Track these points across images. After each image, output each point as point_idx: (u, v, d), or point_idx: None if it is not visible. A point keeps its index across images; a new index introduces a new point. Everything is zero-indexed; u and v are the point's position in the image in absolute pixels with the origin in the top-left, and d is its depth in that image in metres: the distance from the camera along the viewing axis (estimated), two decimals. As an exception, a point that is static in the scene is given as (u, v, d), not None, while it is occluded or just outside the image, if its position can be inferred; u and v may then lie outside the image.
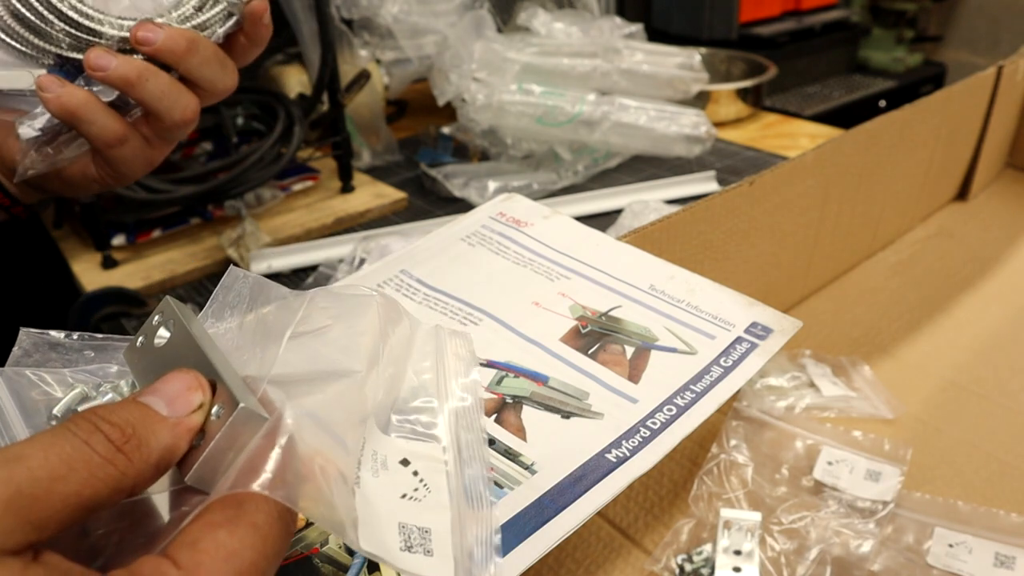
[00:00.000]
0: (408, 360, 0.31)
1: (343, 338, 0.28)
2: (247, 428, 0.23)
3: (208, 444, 0.23)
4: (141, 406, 0.23)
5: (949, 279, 0.75)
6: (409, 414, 0.30)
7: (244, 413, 0.23)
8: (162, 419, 0.23)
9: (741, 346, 0.42)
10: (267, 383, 0.25)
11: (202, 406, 0.23)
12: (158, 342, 0.26)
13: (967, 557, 0.45)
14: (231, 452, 0.23)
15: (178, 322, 0.26)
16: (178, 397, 0.23)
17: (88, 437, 0.21)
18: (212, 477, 0.23)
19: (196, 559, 0.21)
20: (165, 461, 0.22)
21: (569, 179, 0.98)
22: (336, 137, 0.94)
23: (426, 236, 0.51)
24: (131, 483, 0.21)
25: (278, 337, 0.26)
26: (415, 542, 0.27)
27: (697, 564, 0.45)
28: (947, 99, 0.76)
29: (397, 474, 0.29)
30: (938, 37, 2.28)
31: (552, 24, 0.98)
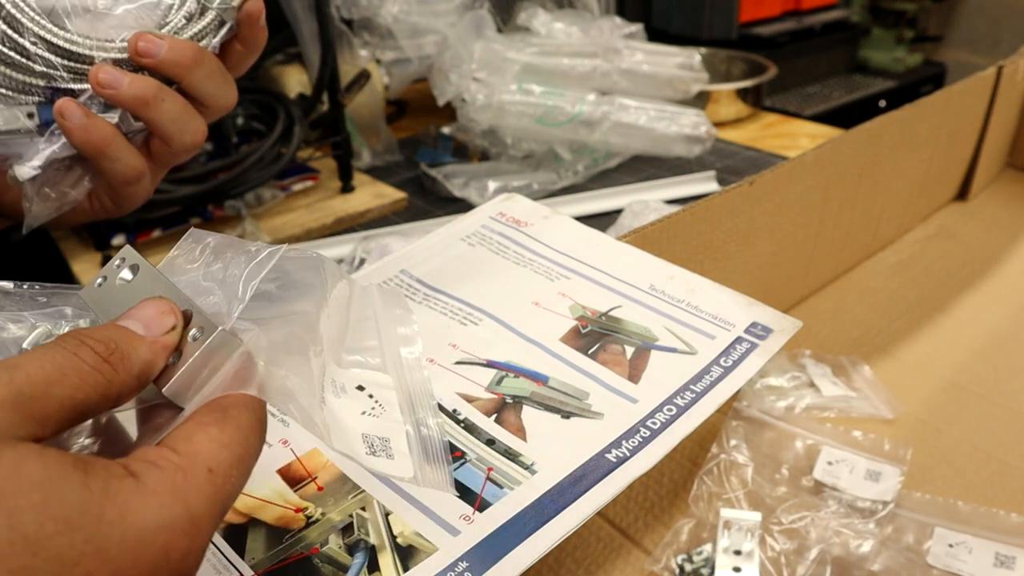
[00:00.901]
0: (349, 310, 0.35)
1: (295, 287, 0.31)
2: (223, 349, 0.26)
3: (186, 361, 0.25)
4: (120, 327, 0.25)
5: (949, 279, 0.75)
6: (357, 353, 0.34)
7: (222, 335, 0.26)
8: (140, 337, 0.25)
9: (741, 346, 0.42)
10: (234, 317, 0.27)
11: (174, 327, 0.26)
12: (120, 283, 0.28)
13: (967, 557, 0.45)
14: (206, 370, 0.26)
15: (143, 265, 0.28)
16: (153, 320, 0.26)
17: (76, 349, 0.23)
18: (186, 392, 0.26)
19: (192, 448, 0.23)
20: (145, 374, 0.25)
21: (569, 179, 0.98)
22: (336, 137, 0.94)
23: (426, 236, 0.51)
24: (116, 391, 0.24)
25: (237, 280, 0.28)
26: (378, 448, 0.30)
27: (697, 564, 0.45)
28: (947, 99, 0.76)
29: (354, 397, 0.32)
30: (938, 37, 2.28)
31: (552, 24, 0.98)
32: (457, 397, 0.38)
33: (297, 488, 0.35)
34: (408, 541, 0.32)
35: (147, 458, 0.23)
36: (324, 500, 0.34)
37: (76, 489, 0.21)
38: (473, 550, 0.31)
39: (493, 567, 0.30)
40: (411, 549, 0.32)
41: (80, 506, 0.20)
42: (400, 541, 0.32)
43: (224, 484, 0.24)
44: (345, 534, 0.33)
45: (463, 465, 0.35)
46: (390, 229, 0.87)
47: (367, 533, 0.32)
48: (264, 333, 0.27)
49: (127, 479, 0.22)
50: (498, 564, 0.30)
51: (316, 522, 0.33)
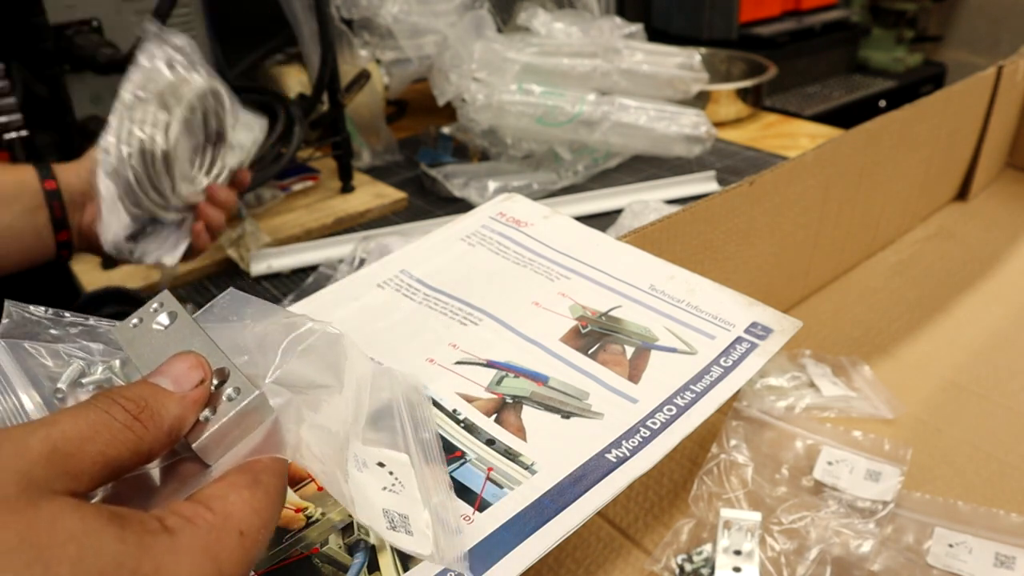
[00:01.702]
0: (368, 389, 0.35)
1: (321, 361, 0.32)
2: (257, 413, 0.26)
3: (220, 419, 0.26)
4: (150, 384, 0.26)
5: (949, 279, 0.75)
6: (377, 431, 0.34)
7: (259, 399, 0.26)
8: (170, 394, 0.26)
9: (741, 346, 0.42)
10: (267, 382, 0.28)
11: (203, 382, 0.26)
12: (156, 327, 0.29)
13: (967, 557, 0.45)
14: (237, 431, 0.26)
15: (180, 313, 0.29)
16: (183, 375, 0.26)
17: (108, 408, 0.24)
18: (216, 449, 0.26)
19: (227, 509, 0.24)
20: (176, 430, 0.25)
21: (569, 179, 0.98)
22: (336, 137, 0.94)
23: (426, 236, 0.51)
24: (148, 448, 0.24)
25: (273, 347, 0.29)
26: (398, 524, 0.30)
27: (697, 564, 0.45)
28: (947, 99, 0.76)
29: (375, 473, 0.32)
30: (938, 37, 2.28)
31: (552, 24, 0.98)
32: (457, 397, 0.38)
33: (297, 488, 0.34)
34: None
35: (182, 513, 0.23)
36: (324, 500, 0.34)
37: (112, 543, 0.21)
38: (473, 550, 0.31)
39: (493, 567, 0.30)
40: (411, 549, 0.32)
41: (115, 559, 0.21)
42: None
43: (252, 547, 0.24)
44: (345, 534, 0.33)
45: (463, 465, 0.35)
46: (390, 229, 0.87)
47: (367, 533, 0.32)
48: (295, 401, 0.28)
49: (162, 535, 0.22)
50: (498, 564, 0.30)
51: (316, 522, 0.33)
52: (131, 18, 0.86)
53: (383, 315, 0.44)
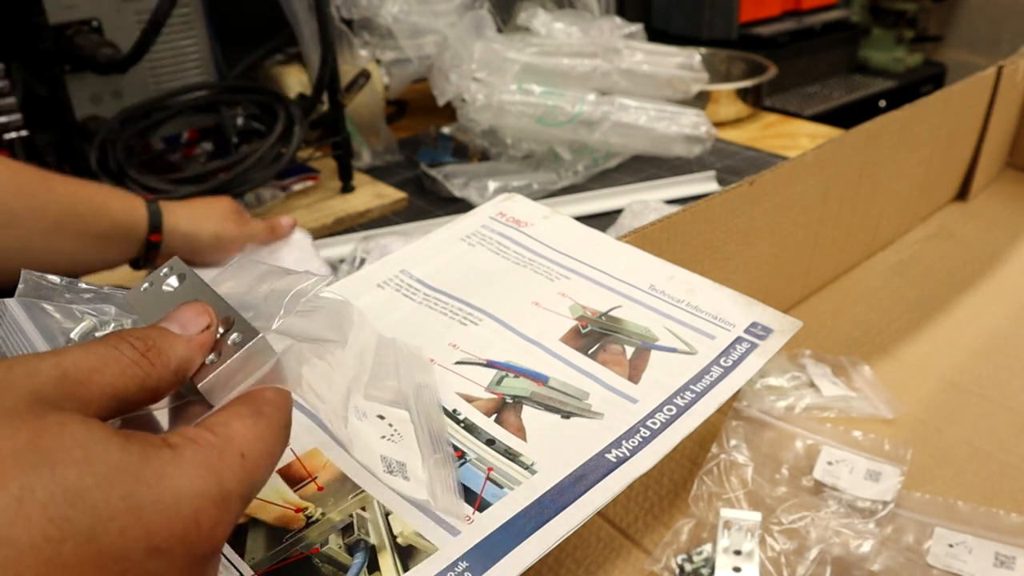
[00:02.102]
0: (374, 353, 0.36)
1: (325, 320, 0.33)
2: (260, 356, 0.27)
3: (224, 361, 0.27)
4: (158, 327, 0.27)
5: (949, 279, 0.75)
6: (378, 389, 0.35)
7: (262, 343, 0.27)
8: (177, 336, 0.26)
9: (741, 346, 0.42)
10: (272, 329, 0.29)
11: (209, 327, 0.27)
12: (166, 288, 0.29)
13: (967, 557, 0.45)
14: (241, 373, 0.27)
15: (190, 274, 0.30)
16: (190, 320, 0.27)
17: (117, 344, 0.25)
18: (221, 391, 0.27)
19: (229, 433, 0.25)
20: (183, 370, 0.26)
21: (569, 179, 0.98)
22: (336, 137, 0.94)
23: (426, 236, 0.51)
24: (155, 384, 0.25)
25: (278, 301, 0.30)
26: (395, 469, 0.32)
27: (697, 564, 0.45)
28: (947, 99, 0.76)
29: (375, 423, 0.34)
30: (938, 37, 2.28)
31: (552, 24, 0.98)
32: (457, 397, 0.38)
33: (297, 488, 0.35)
34: (408, 541, 0.32)
35: (185, 434, 0.24)
36: (324, 500, 0.34)
37: (116, 451, 0.22)
38: (473, 550, 0.31)
39: (493, 567, 0.30)
40: (411, 549, 0.32)
41: (119, 465, 0.22)
42: (400, 541, 0.32)
43: (254, 471, 0.25)
44: (345, 534, 0.33)
45: (463, 465, 0.35)
46: (390, 229, 0.87)
47: (367, 533, 0.32)
48: (299, 345, 0.29)
49: (165, 449, 0.23)
50: (498, 564, 0.30)
51: (316, 522, 0.33)
52: (131, 18, 0.86)
53: (383, 315, 0.44)
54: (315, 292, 0.30)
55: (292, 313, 0.29)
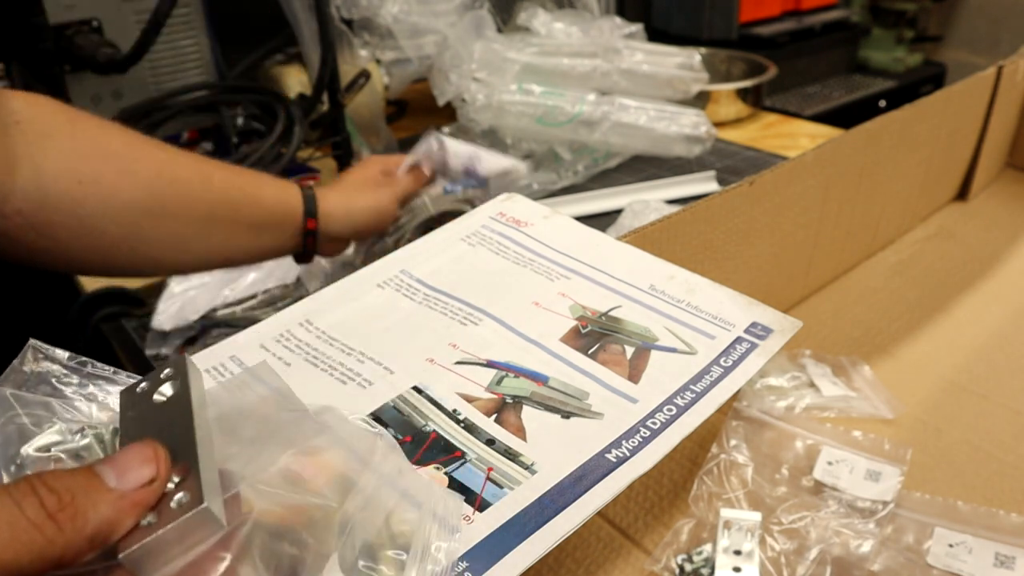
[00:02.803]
0: (391, 508, 0.29)
1: (327, 467, 0.27)
2: (202, 529, 0.23)
3: (157, 529, 0.22)
4: (89, 474, 0.22)
5: (949, 279, 0.75)
6: (376, 562, 0.28)
7: (203, 514, 0.22)
8: (107, 490, 0.22)
9: (741, 346, 0.42)
10: (243, 487, 0.24)
11: (152, 481, 0.23)
12: (157, 398, 0.26)
13: (967, 557, 0.45)
14: (178, 546, 0.22)
15: (183, 386, 0.26)
16: (130, 469, 0.23)
17: (21, 499, 0.21)
18: (150, 564, 0.22)
19: None
20: (102, 534, 0.22)
21: (569, 179, 0.98)
22: (336, 137, 0.94)
23: (426, 236, 0.51)
24: (58, 552, 0.21)
25: (272, 441, 0.26)
26: None
27: (697, 564, 0.45)
28: (947, 99, 0.76)
29: None
30: (938, 37, 2.27)
31: (552, 24, 0.98)
32: (457, 397, 0.38)
33: (297, 488, 0.34)
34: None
35: None
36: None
37: None
38: (473, 550, 0.31)
39: (493, 567, 0.30)
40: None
41: None
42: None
43: None
44: (345, 534, 0.32)
45: (463, 465, 0.35)
46: (390, 229, 0.87)
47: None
48: (261, 519, 0.24)
49: None
50: (498, 564, 0.30)
51: (316, 522, 0.33)
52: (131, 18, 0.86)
53: (383, 315, 0.44)
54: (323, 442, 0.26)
55: (275, 464, 0.25)
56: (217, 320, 0.71)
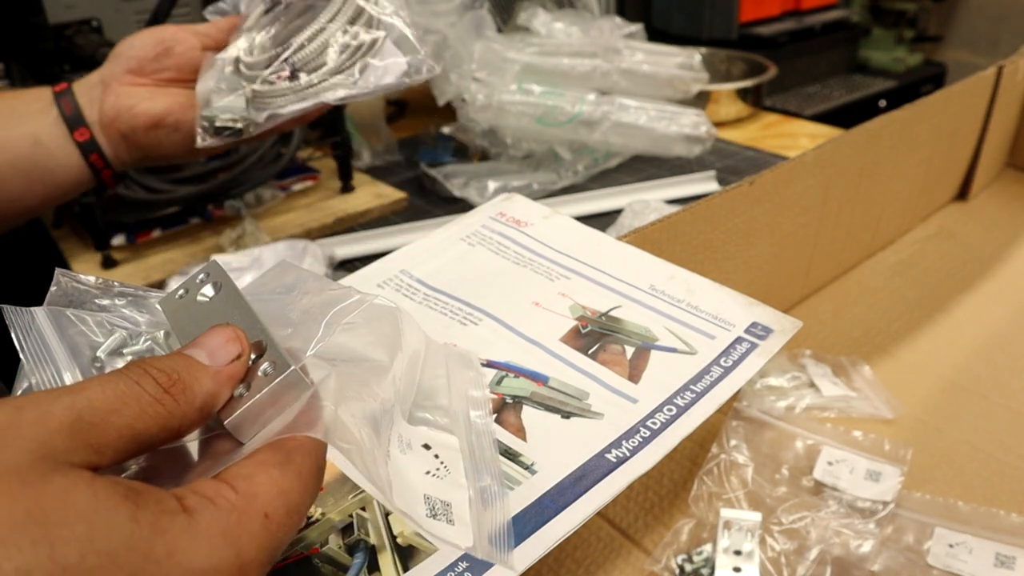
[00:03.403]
0: (422, 367, 0.34)
1: (370, 335, 0.31)
2: (292, 390, 0.25)
3: (253, 396, 0.25)
4: (185, 356, 0.25)
5: (949, 279, 0.75)
6: (426, 410, 0.33)
7: (294, 376, 0.25)
8: (204, 367, 0.25)
9: (741, 346, 0.42)
10: (308, 357, 0.27)
11: (239, 356, 0.25)
12: (201, 299, 0.28)
13: (967, 557, 0.45)
14: (271, 409, 0.25)
15: (227, 284, 0.28)
16: (219, 349, 0.25)
17: (139, 379, 0.23)
18: (250, 427, 0.25)
19: (252, 489, 0.23)
20: (208, 406, 0.24)
21: (569, 179, 0.98)
22: (336, 137, 0.94)
23: (426, 236, 0.51)
24: (177, 423, 0.23)
25: (317, 319, 0.28)
26: (439, 511, 0.29)
27: (697, 564, 0.45)
28: (947, 99, 0.76)
29: (420, 455, 0.31)
30: (938, 37, 2.27)
31: (552, 24, 0.98)
32: (457, 397, 0.38)
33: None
34: (408, 541, 0.32)
35: (204, 493, 0.22)
36: (324, 500, 0.34)
37: (124, 523, 0.20)
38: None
39: (493, 567, 0.30)
40: (411, 549, 0.32)
41: (127, 541, 0.20)
42: (400, 541, 0.32)
43: (277, 531, 0.23)
44: (345, 534, 0.33)
45: (463, 465, 0.35)
46: (390, 229, 0.87)
47: (367, 533, 0.32)
48: (336, 376, 0.27)
49: (179, 515, 0.21)
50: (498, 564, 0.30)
51: (316, 522, 0.33)
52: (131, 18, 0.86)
53: (383, 315, 0.44)
54: (359, 312, 0.28)
55: (331, 334, 0.28)
56: None
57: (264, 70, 0.51)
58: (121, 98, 0.54)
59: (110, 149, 0.56)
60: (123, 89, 0.55)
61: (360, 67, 0.50)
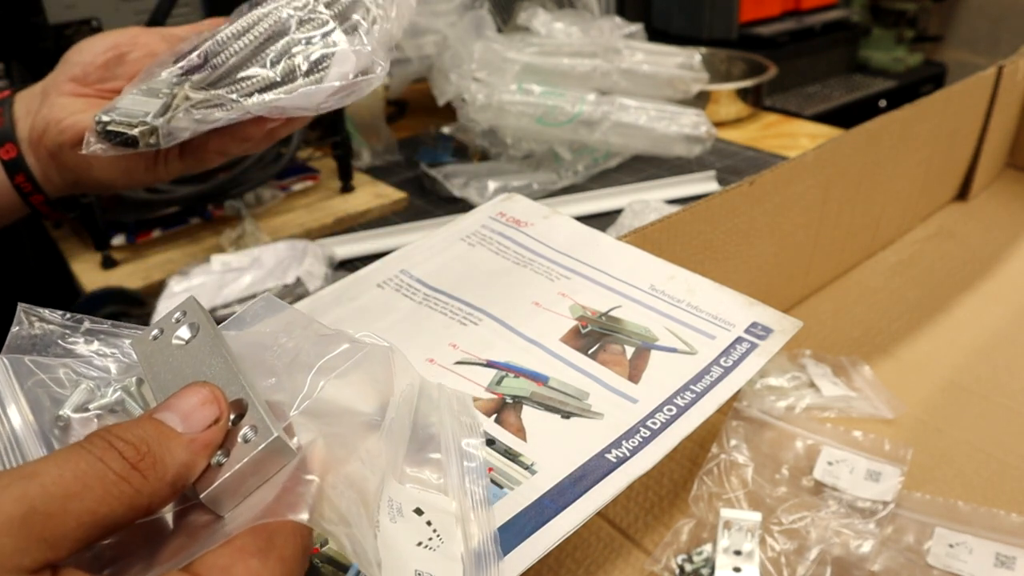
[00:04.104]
0: (414, 413, 0.32)
1: (360, 381, 0.28)
2: (276, 457, 0.23)
3: (231, 467, 0.23)
4: (155, 422, 0.23)
5: (949, 279, 0.75)
6: (419, 466, 0.31)
7: (278, 443, 0.23)
8: (177, 435, 0.22)
9: (741, 346, 0.42)
10: (294, 415, 0.25)
11: (217, 421, 0.23)
12: (176, 342, 0.26)
13: (967, 557, 0.45)
14: (252, 478, 0.23)
15: (204, 326, 0.26)
16: (193, 412, 0.23)
17: (103, 454, 0.21)
18: (229, 500, 0.23)
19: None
20: (181, 479, 0.22)
21: (569, 179, 0.98)
22: (336, 137, 0.94)
23: (426, 236, 0.51)
24: (146, 501, 0.21)
25: (304, 370, 0.26)
26: None
27: (697, 564, 0.45)
28: (947, 99, 0.76)
29: (412, 522, 0.29)
30: (938, 37, 2.27)
31: (552, 24, 0.98)
32: (457, 397, 0.38)
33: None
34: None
35: None
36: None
37: None
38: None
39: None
40: (411, 549, 0.31)
41: None
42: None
43: None
44: (345, 534, 0.32)
45: (463, 465, 0.35)
46: (390, 229, 0.87)
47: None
48: (323, 439, 0.25)
49: None
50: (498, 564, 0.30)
51: (316, 522, 0.33)
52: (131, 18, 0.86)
53: (383, 315, 0.44)
54: (351, 363, 0.26)
55: (319, 389, 0.25)
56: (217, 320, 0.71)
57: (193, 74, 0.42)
58: (54, 110, 0.46)
59: (39, 170, 0.47)
60: (59, 100, 0.46)
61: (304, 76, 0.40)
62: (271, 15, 0.41)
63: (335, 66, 0.40)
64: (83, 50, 0.47)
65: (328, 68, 0.40)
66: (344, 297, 0.45)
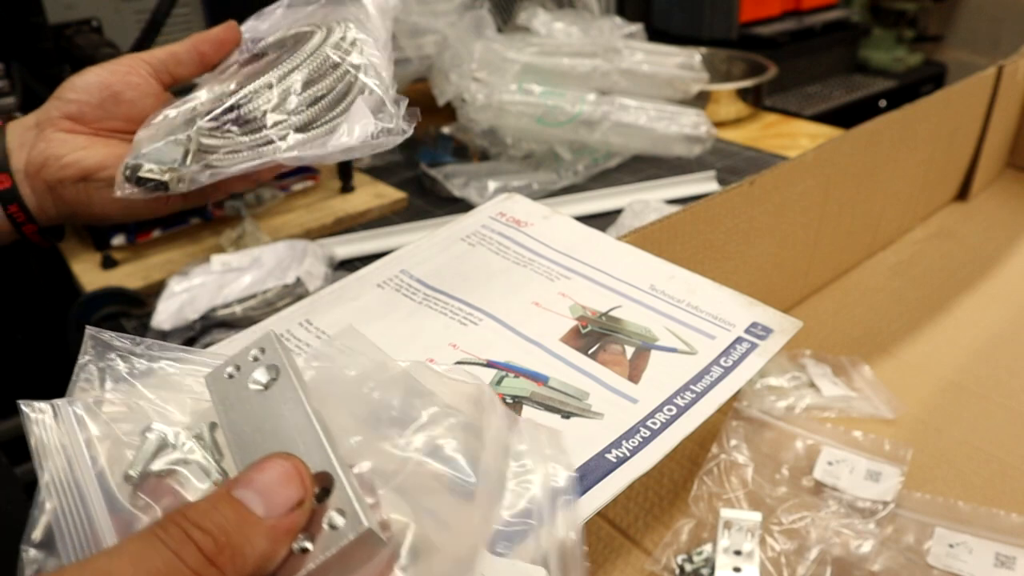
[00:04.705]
0: (507, 457, 0.29)
1: (456, 443, 0.26)
2: (365, 549, 0.21)
3: (315, 558, 0.21)
4: (234, 504, 0.21)
5: (949, 279, 0.75)
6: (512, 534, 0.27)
7: (366, 536, 0.21)
8: (257, 521, 0.21)
9: (741, 346, 0.42)
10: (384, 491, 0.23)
11: (300, 503, 0.21)
12: (253, 387, 0.24)
13: (967, 557, 0.45)
14: (337, 569, 0.21)
15: (284, 370, 0.24)
16: (275, 493, 0.21)
17: (179, 548, 0.19)
18: None
19: None
20: (261, 571, 0.21)
21: (569, 179, 0.98)
22: (336, 137, 0.94)
23: (426, 236, 0.51)
24: None
25: (393, 429, 0.24)
26: None
27: (697, 564, 0.45)
28: (947, 99, 0.76)
29: None
30: (938, 37, 2.27)
31: (552, 24, 0.98)
32: (457, 397, 0.38)
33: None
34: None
35: None
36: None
37: None
38: (473, 550, 0.31)
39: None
40: (411, 549, 0.31)
41: None
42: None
43: None
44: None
45: (463, 465, 0.35)
46: (390, 229, 0.87)
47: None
48: (416, 525, 0.22)
49: None
50: (498, 564, 0.30)
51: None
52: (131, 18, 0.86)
53: (383, 315, 0.44)
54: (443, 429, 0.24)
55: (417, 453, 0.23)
56: (217, 320, 0.71)
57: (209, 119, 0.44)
58: (52, 145, 0.46)
59: (34, 201, 0.48)
60: (57, 136, 0.47)
61: (325, 125, 0.42)
62: (298, 67, 0.43)
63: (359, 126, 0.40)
64: (76, 87, 0.48)
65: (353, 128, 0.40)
66: (344, 297, 0.45)
